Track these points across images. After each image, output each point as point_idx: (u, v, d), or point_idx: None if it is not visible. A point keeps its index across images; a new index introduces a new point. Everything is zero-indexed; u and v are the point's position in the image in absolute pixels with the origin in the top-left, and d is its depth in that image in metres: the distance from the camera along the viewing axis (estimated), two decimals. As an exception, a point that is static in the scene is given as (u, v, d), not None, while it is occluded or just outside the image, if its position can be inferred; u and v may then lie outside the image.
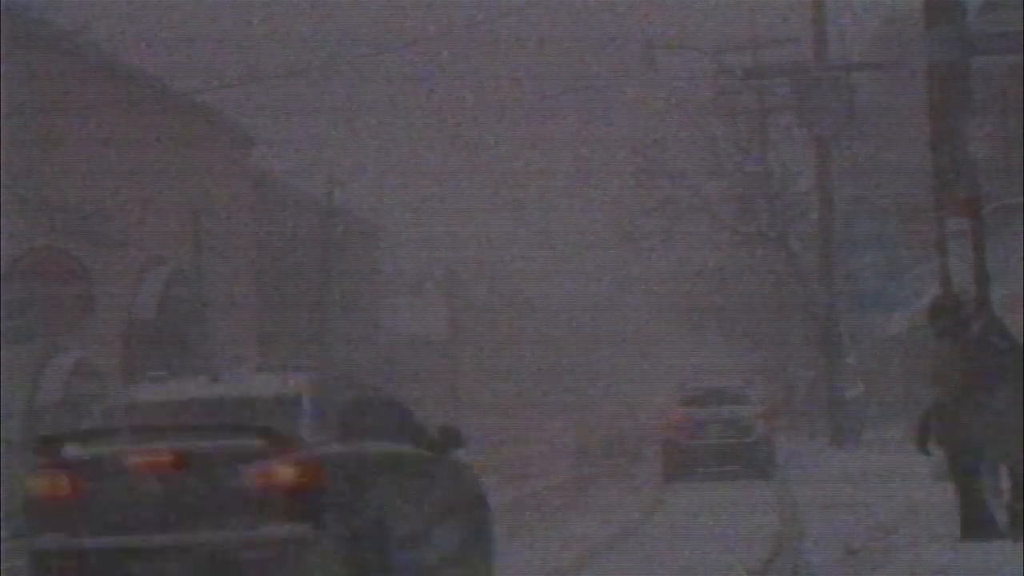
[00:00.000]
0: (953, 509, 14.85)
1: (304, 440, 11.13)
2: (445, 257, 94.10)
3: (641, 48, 43.59)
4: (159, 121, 49.13)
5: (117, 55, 47.35)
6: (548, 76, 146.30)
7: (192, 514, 10.86)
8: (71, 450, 11.53)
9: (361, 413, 12.25)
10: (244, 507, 10.84)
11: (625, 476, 38.06)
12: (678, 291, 73.47)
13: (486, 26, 43.42)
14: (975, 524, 13.23)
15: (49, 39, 41.52)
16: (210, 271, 53.93)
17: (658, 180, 57.00)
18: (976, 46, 15.98)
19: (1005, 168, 34.68)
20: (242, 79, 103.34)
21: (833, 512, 19.18)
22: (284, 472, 10.86)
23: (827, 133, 38.80)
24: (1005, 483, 14.27)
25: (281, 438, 10.93)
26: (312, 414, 11.52)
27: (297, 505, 10.74)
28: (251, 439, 10.94)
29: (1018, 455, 13.28)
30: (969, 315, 14.12)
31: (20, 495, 12.30)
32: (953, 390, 13.37)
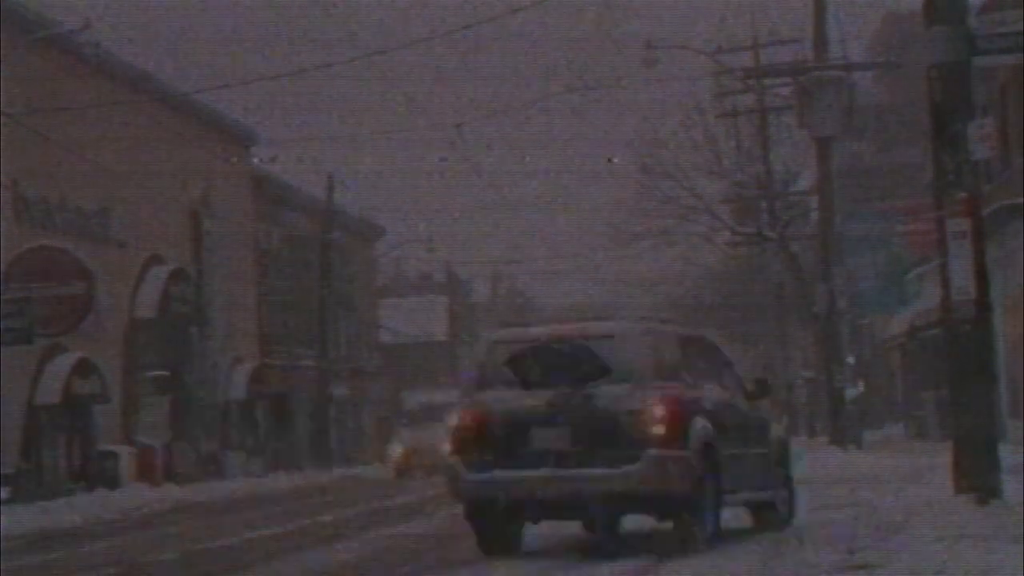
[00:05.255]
0: (952, 509, 14.87)
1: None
2: (445, 257, 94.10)
3: (641, 48, 43.54)
4: (159, 121, 49.15)
5: (117, 55, 47.35)
6: (548, 76, 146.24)
7: None
8: None
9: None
10: None
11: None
12: (678, 291, 73.46)
13: (486, 26, 43.41)
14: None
15: (49, 39, 41.52)
16: (210, 271, 53.95)
17: (658, 180, 57.04)
18: (976, 46, 15.98)
19: (1005, 168, 34.71)
20: (242, 79, 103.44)
21: (833, 512, 19.19)
22: None
23: (827, 133, 38.75)
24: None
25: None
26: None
27: None
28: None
29: None
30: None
31: None
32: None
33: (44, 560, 21.11)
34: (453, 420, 16.04)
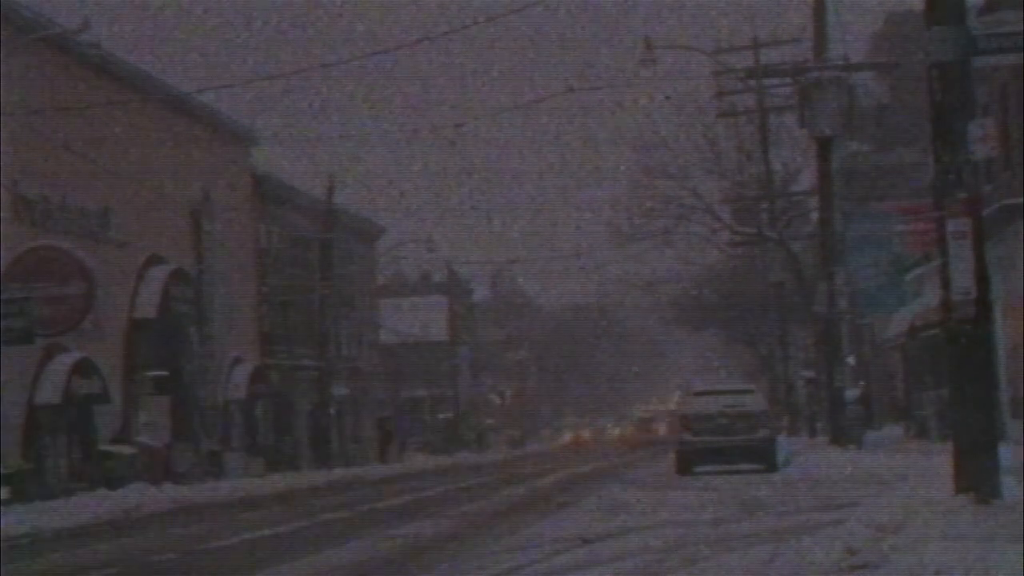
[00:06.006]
0: (952, 509, 14.85)
1: None
2: (445, 257, 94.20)
3: (641, 48, 43.57)
4: (159, 121, 49.15)
5: (117, 55, 47.34)
6: (548, 76, 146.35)
7: None
8: None
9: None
10: None
11: (628, 476, 38.06)
12: (678, 291, 73.51)
13: (486, 26, 43.44)
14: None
15: (49, 39, 41.51)
16: (210, 271, 53.94)
17: (658, 180, 57.11)
18: (976, 46, 15.97)
19: (1005, 168, 34.70)
20: (242, 79, 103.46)
21: (833, 512, 19.19)
22: None
23: (827, 133, 38.75)
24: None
25: None
26: None
27: None
28: None
29: None
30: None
31: None
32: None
33: (44, 560, 21.11)
34: None
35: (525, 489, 34.02)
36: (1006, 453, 17.73)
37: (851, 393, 42.78)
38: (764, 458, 34.18)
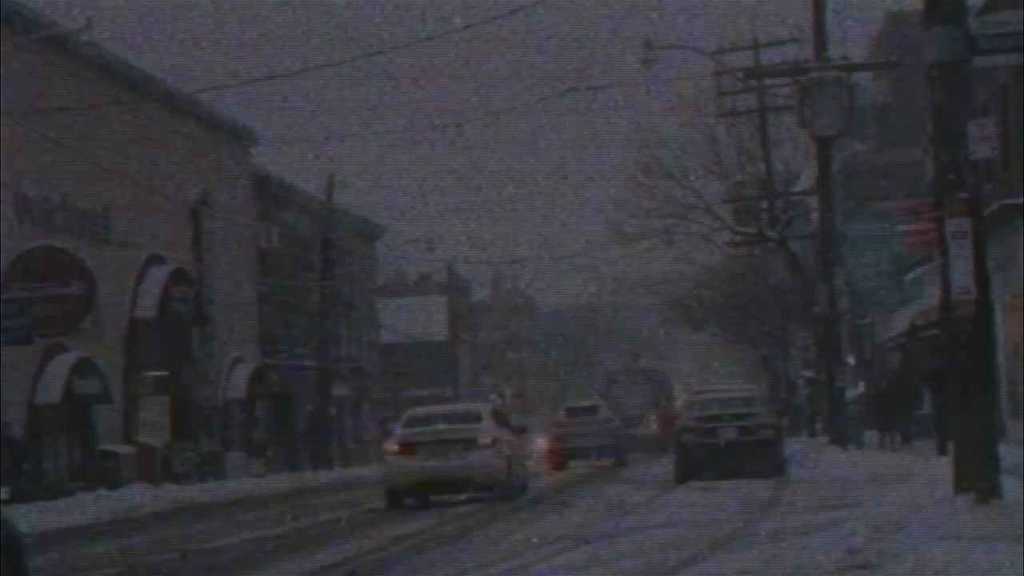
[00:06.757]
0: (952, 509, 14.86)
1: None
2: (445, 257, 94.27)
3: (641, 48, 43.61)
4: (159, 121, 49.13)
5: (117, 55, 47.33)
6: (548, 76, 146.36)
7: None
8: None
9: None
10: None
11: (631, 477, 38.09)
12: (678, 291, 73.49)
13: (486, 26, 43.46)
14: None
15: (49, 39, 41.51)
16: (210, 271, 53.93)
17: (658, 180, 57.12)
18: (976, 46, 15.99)
19: (1005, 168, 34.71)
20: (242, 79, 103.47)
21: (833, 512, 19.19)
22: None
23: (827, 133, 38.77)
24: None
25: None
26: None
27: None
28: None
29: None
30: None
31: None
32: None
33: (44, 560, 21.10)
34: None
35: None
36: (1006, 453, 17.74)
37: (851, 393, 42.83)
38: (767, 461, 33.78)
